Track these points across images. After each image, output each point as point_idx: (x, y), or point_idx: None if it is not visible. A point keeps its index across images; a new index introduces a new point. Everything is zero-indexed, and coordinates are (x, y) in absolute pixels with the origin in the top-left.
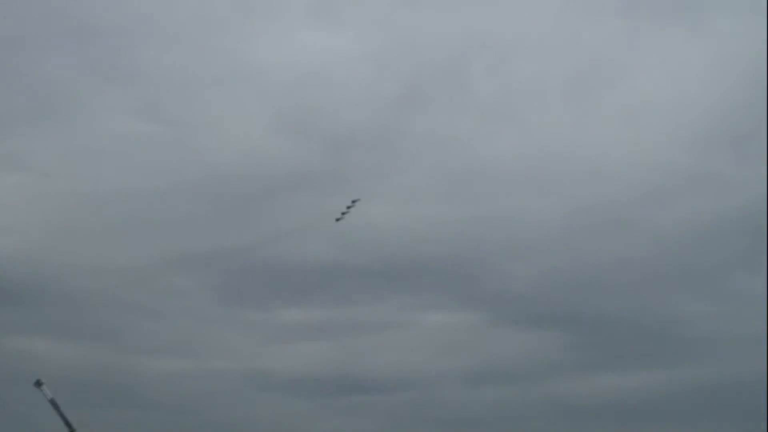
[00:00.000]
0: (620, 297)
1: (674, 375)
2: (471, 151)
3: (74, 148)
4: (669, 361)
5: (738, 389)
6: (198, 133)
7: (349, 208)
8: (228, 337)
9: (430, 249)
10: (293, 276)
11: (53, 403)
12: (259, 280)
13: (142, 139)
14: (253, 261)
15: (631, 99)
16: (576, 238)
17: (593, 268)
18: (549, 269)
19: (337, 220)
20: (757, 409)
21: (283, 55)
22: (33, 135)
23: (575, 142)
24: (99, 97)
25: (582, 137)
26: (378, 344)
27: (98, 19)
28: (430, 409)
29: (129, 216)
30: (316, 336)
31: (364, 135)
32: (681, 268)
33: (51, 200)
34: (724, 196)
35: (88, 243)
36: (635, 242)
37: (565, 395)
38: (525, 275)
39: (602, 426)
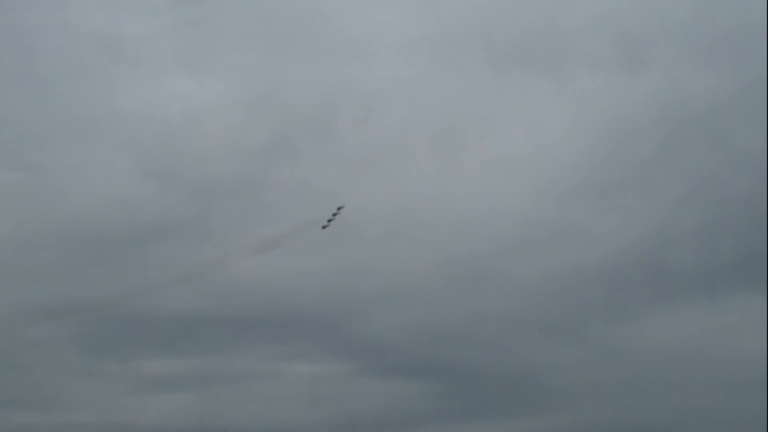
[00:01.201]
0: (485, 347)
1: (539, 423)
2: (338, 201)
3: None
4: (534, 409)
5: None
6: (60, 180)
7: (334, 215)
8: (88, 389)
9: (297, 299)
10: (156, 326)
11: None
12: (121, 330)
13: (2, 186)
14: (114, 310)
15: (497, 152)
16: (441, 288)
17: (458, 319)
18: (415, 320)
19: (324, 227)
20: None
21: (150, 101)
22: None
23: (441, 193)
24: None
25: (448, 189)
26: (243, 395)
27: None
28: None
29: None
30: (179, 387)
31: (231, 184)
32: (543, 319)
33: None
34: (584, 249)
35: None
36: (499, 293)
37: None
38: (391, 326)
39: None
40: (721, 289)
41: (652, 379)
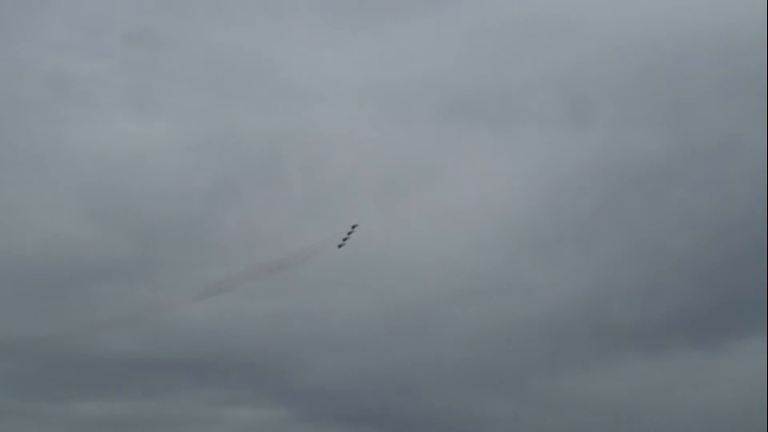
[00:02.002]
0: (427, 396)
1: None
2: (282, 246)
3: None
4: None
5: None
6: (1, 217)
7: (349, 233)
8: (23, 431)
9: (237, 343)
10: (94, 367)
11: None
12: (58, 371)
13: None
14: (51, 351)
15: (442, 203)
16: (384, 336)
17: (401, 367)
18: (357, 367)
19: (339, 246)
20: None
21: (96, 141)
22: None
23: (386, 242)
24: None
25: (393, 238)
26: None
27: None
28: None
29: None
30: (116, 430)
31: (175, 226)
32: (486, 369)
33: None
34: (527, 301)
35: None
36: (442, 342)
37: None
38: (333, 372)
39: None
40: (661, 344)
41: None
